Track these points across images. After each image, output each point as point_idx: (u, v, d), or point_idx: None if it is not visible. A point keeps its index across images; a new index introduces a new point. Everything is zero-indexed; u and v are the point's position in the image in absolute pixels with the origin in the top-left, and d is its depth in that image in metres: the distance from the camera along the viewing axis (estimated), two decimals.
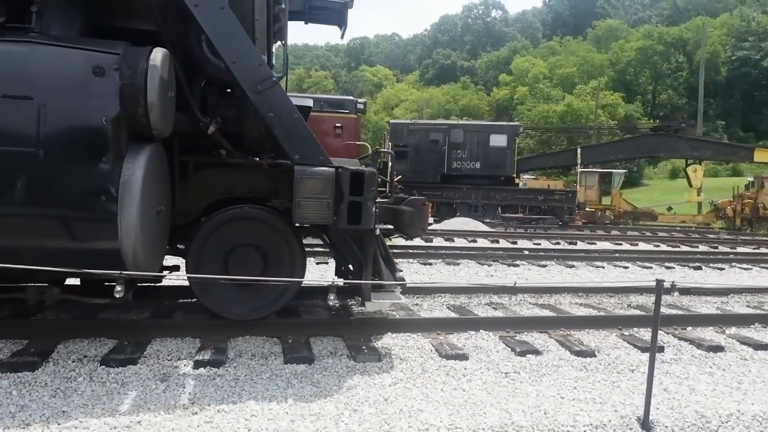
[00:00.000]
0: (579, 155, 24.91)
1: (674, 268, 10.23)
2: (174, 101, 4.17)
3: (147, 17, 4.32)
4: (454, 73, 79.21)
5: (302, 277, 4.72)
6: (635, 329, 5.27)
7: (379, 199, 4.39)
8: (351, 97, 16.24)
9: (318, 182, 4.13)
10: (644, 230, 21.47)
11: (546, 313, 5.97)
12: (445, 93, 74.14)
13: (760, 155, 24.63)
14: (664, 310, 5.86)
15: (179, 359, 3.99)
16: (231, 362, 3.96)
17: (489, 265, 9.37)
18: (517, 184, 23.83)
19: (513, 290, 6.73)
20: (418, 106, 67.41)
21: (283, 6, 4.92)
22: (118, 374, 3.67)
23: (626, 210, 26.52)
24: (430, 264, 9.05)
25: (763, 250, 14.74)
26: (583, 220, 23.55)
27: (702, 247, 14.79)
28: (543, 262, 9.91)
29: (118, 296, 3.79)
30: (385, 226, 4.72)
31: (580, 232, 18.96)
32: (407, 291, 5.96)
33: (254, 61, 4.14)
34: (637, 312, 6.19)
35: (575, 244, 14.40)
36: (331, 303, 4.32)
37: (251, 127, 4.67)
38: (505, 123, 26.83)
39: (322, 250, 8.43)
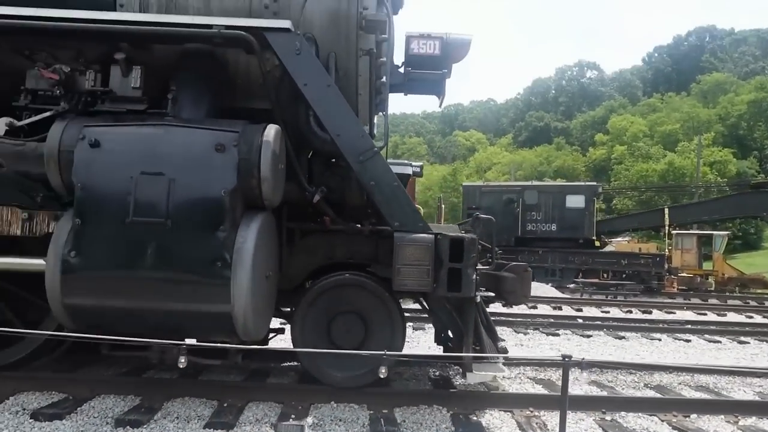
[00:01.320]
0: (667, 216, 22.95)
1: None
2: (284, 173, 4.46)
3: (263, 98, 4.72)
4: (547, 134, 78.30)
5: (401, 345, 4.69)
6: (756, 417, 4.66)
7: (479, 266, 4.36)
8: (406, 161, 16.41)
9: (417, 249, 4.18)
10: (749, 299, 19.04)
11: (650, 393, 5.44)
12: (538, 155, 73.17)
13: None
14: None
15: (265, 422, 4.06)
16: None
17: (557, 335, 8.76)
18: (598, 246, 22.40)
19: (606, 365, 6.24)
20: (509, 168, 66.89)
21: (384, 80, 5.18)
22: None
23: (731, 276, 23.95)
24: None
25: None
26: (680, 287, 21.54)
27: None
28: (621, 333, 9.12)
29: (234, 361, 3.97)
30: (486, 293, 4.64)
31: (660, 300, 17.19)
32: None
33: (357, 134, 4.37)
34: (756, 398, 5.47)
35: (650, 313, 13.16)
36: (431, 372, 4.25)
37: (353, 195, 4.86)
38: (582, 183, 25.71)
39: (419, 315, 8.37)
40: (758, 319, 12.92)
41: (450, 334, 4.88)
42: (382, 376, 4.22)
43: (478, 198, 21.46)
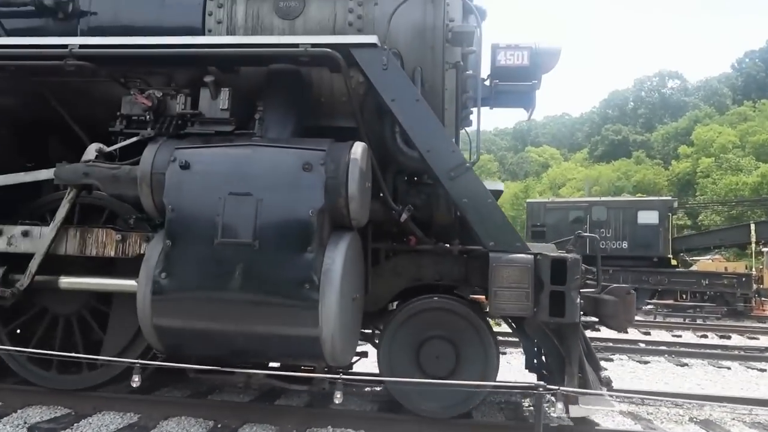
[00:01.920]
0: (753, 231, 20.82)
1: None
2: (370, 191, 4.32)
3: (347, 116, 4.63)
4: (626, 148, 74.90)
5: (495, 374, 4.38)
6: None
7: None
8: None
9: (515, 270, 3.89)
10: None
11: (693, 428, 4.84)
12: (615, 169, 70.12)
13: None
14: None
15: None
16: None
17: (611, 360, 8.03)
18: (675, 266, 20.71)
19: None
20: (584, 184, 64.53)
21: (471, 94, 4.97)
22: None
23: None
24: None
25: None
26: None
27: None
28: (684, 360, 8.28)
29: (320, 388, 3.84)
30: (588, 318, 4.27)
31: (743, 324, 15.46)
32: None
33: (447, 149, 4.18)
34: None
35: (729, 338, 11.89)
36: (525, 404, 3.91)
37: (441, 213, 4.66)
38: (655, 198, 23.89)
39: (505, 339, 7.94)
40: None
41: (546, 360, 4.53)
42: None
43: (543, 215, 20.50)
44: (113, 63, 4.51)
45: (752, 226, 21.45)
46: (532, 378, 5.10)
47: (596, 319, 4.38)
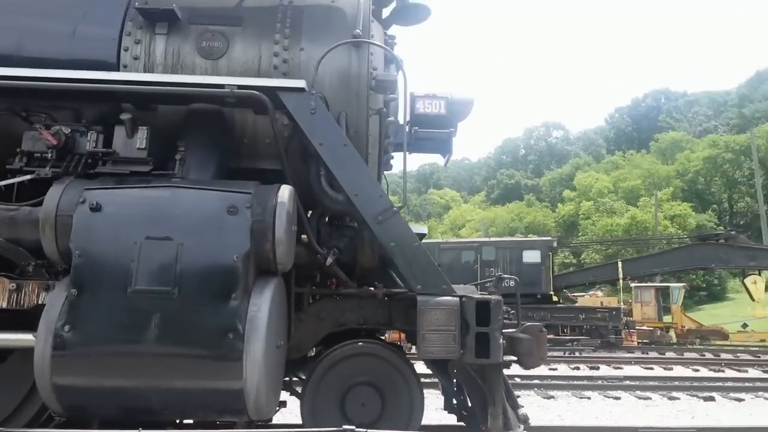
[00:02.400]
0: (620, 269, 22.72)
1: (714, 399, 8.85)
2: (295, 235, 4.25)
3: (270, 158, 4.57)
4: (518, 191, 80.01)
5: (421, 418, 4.37)
6: None
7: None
8: None
9: (442, 313, 3.95)
10: (705, 351, 19.09)
11: None
12: (509, 211, 74.40)
13: None
14: None
15: None
16: None
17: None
18: (557, 301, 22.22)
19: None
20: (482, 225, 67.70)
21: (392, 139, 5.10)
22: None
23: (690, 328, 24.00)
24: None
25: None
26: (640, 341, 21.46)
27: (753, 372, 12.88)
28: (551, 393, 8.87)
29: None
30: (509, 358, 4.41)
31: (613, 355, 16.94)
32: None
33: (375, 193, 4.23)
34: None
35: (597, 369, 13.06)
36: None
37: (365, 256, 4.66)
38: (538, 239, 25.74)
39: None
40: (704, 372, 12.97)
41: (468, 401, 4.60)
42: None
43: (438, 255, 21.26)
44: (14, 95, 4.16)
45: (620, 264, 23.30)
46: (451, 419, 5.15)
47: (514, 358, 4.54)
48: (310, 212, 4.74)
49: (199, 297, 3.65)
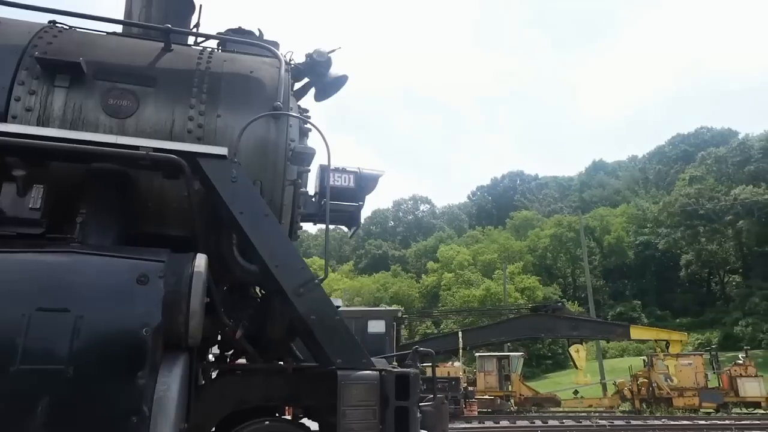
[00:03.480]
0: (461, 338, 23.87)
1: None
2: (204, 307, 4.02)
3: (177, 224, 4.35)
4: (386, 262, 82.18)
5: None
6: None
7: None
8: None
9: (363, 388, 3.90)
10: (536, 419, 20.31)
11: None
12: (375, 281, 75.84)
13: (636, 332, 24.54)
14: None
15: None
16: None
17: None
18: None
19: None
20: (348, 294, 68.03)
21: (303, 210, 5.11)
22: None
23: (527, 396, 25.49)
24: None
25: None
26: (481, 410, 22.33)
27: None
28: None
29: None
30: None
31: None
32: None
33: (297, 265, 4.16)
34: None
35: None
36: None
37: (275, 329, 4.51)
38: (383, 309, 26.38)
39: None
40: None
41: None
42: None
43: None
44: None
45: (460, 334, 24.40)
46: None
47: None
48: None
49: (98, 375, 3.26)
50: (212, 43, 5.59)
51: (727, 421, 18.48)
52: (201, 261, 3.80)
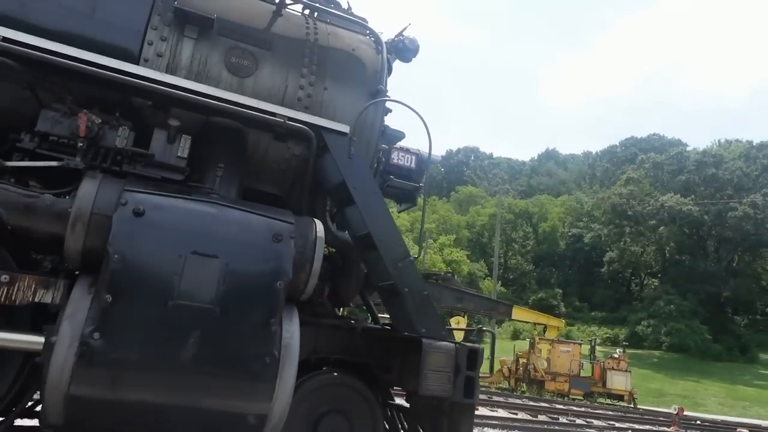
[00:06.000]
0: None
1: None
2: None
3: (272, 182, 4.81)
4: None
5: None
6: None
7: None
8: None
9: (443, 356, 4.47)
10: None
11: None
12: None
13: (517, 313, 24.80)
14: None
15: None
16: None
17: None
18: None
19: None
20: None
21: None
22: None
23: None
24: None
25: None
26: None
27: None
28: None
29: None
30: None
31: None
32: None
33: (398, 241, 4.61)
34: None
35: None
36: None
37: (348, 290, 5.02)
38: None
39: None
40: None
41: None
42: None
43: None
44: (34, 68, 3.74)
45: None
46: None
47: None
48: None
49: (240, 318, 3.70)
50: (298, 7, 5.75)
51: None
52: (320, 227, 4.24)
